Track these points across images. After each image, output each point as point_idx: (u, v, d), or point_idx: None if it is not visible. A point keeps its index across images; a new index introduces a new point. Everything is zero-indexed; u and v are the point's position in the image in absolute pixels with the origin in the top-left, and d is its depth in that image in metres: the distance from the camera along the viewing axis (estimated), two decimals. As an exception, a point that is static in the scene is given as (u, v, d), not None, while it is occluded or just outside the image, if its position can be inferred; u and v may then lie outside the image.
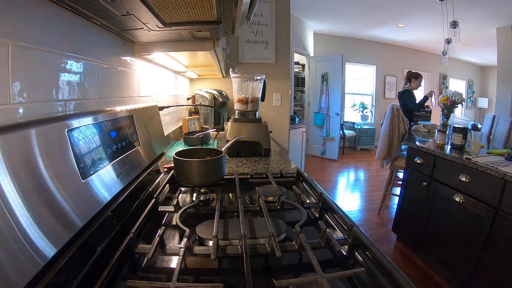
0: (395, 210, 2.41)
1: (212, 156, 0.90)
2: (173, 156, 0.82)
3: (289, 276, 0.43)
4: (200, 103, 2.11)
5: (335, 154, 5.33)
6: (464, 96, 2.53)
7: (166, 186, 0.87)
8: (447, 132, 2.02)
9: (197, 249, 0.53)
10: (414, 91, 3.16)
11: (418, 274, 1.91)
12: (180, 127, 1.92)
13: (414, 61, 6.72)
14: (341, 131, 5.45)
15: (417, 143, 2.13)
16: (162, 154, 1.09)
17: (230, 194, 0.89)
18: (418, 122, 3.01)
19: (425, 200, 1.95)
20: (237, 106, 1.37)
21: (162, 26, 0.79)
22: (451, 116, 2.52)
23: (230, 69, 1.36)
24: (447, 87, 7.02)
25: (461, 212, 1.64)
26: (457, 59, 6.93)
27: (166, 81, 1.67)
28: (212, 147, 0.98)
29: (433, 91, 3.24)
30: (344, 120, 6.15)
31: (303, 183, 0.98)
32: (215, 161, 0.83)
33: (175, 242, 0.61)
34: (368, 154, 5.96)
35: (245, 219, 0.64)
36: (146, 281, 0.41)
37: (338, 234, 0.64)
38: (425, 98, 3.09)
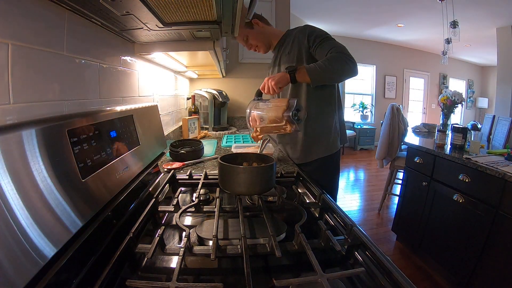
0: (395, 210, 2.41)
1: (261, 162, 0.82)
2: (218, 161, 0.75)
3: (289, 276, 0.43)
4: (200, 103, 2.11)
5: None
6: (464, 96, 2.53)
7: (166, 186, 0.87)
8: (447, 132, 2.02)
9: (197, 249, 0.53)
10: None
11: (418, 274, 1.90)
12: (180, 127, 1.92)
13: (414, 61, 6.71)
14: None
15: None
16: (162, 154, 1.09)
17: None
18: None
19: (425, 200, 1.95)
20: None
21: (162, 26, 0.78)
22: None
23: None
24: (447, 87, 7.01)
25: (461, 212, 1.64)
26: (457, 59, 6.92)
27: (166, 81, 1.67)
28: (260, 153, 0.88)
29: None
30: (344, 120, 6.14)
31: (303, 183, 0.98)
32: (266, 168, 0.73)
33: (175, 242, 0.61)
34: (368, 154, 5.96)
35: (245, 219, 0.64)
36: (146, 281, 0.41)
37: (338, 234, 0.64)
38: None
